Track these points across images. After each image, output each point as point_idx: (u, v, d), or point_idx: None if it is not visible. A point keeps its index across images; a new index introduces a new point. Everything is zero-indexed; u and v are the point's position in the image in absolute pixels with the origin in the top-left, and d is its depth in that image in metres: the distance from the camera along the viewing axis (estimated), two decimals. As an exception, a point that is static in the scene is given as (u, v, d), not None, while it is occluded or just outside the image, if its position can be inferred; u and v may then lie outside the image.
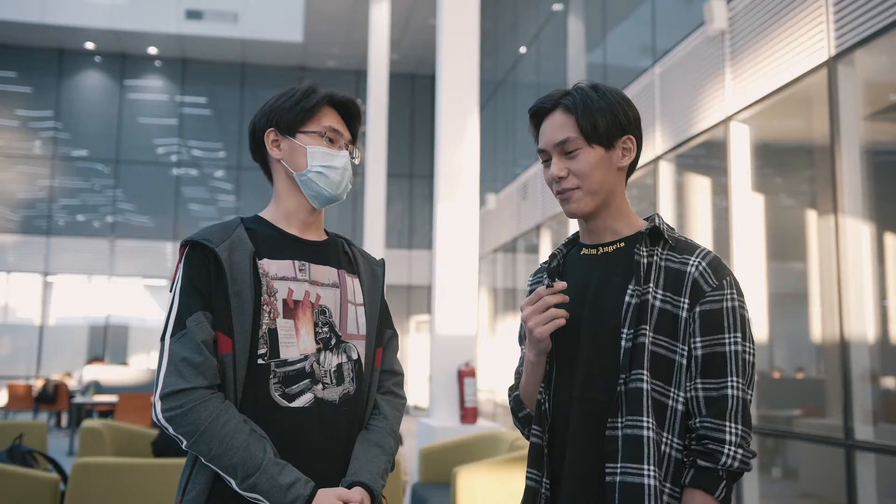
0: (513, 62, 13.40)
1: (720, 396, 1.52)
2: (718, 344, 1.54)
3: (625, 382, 1.54)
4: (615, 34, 9.36)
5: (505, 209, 13.16)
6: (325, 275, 1.81)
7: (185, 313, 1.64)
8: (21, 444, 4.52)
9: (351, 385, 1.79)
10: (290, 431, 1.66)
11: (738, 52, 6.25)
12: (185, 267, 1.70)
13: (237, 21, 16.82)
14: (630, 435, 1.51)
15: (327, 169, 1.80)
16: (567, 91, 1.70)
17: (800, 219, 6.48)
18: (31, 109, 17.90)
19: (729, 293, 1.56)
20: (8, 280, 17.50)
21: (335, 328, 1.79)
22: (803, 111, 5.88)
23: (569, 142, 1.64)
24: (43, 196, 17.58)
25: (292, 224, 1.83)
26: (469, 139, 7.37)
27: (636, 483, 1.49)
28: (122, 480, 3.98)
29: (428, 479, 5.42)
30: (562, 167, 1.65)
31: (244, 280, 1.68)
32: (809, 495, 6.12)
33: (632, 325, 1.55)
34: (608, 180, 1.65)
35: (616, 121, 1.64)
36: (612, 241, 1.68)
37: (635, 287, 1.57)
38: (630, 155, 1.67)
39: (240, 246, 1.71)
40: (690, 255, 1.59)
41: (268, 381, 1.68)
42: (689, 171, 7.56)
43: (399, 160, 18.28)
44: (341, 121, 1.87)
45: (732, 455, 1.49)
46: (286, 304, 1.72)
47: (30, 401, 13.29)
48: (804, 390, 6.27)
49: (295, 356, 1.71)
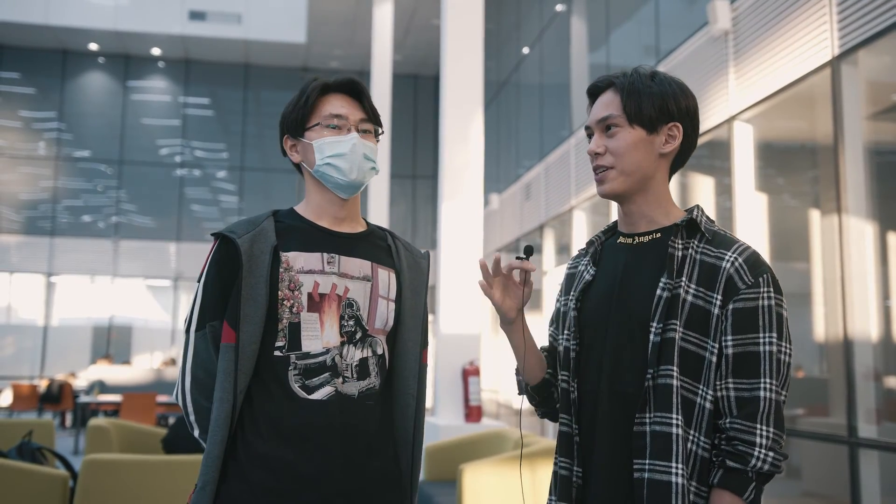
0: (516, 63, 13.43)
1: (752, 398, 1.49)
2: (752, 343, 1.51)
3: (652, 377, 1.52)
4: (618, 34, 9.39)
5: (508, 209, 13.19)
6: (357, 267, 1.79)
7: (208, 317, 1.73)
8: (31, 442, 4.55)
9: (376, 379, 1.77)
10: (307, 423, 1.67)
11: (741, 52, 6.27)
12: (212, 261, 1.75)
13: (240, 22, 16.86)
14: (658, 432, 1.50)
15: (334, 158, 1.78)
16: (624, 72, 1.69)
17: (803, 218, 6.50)
18: (34, 110, 17.95)
19: (766, 291, 1.52)
20: (12, 280, 17.54)
21: (362, 322, 1.77)
22: (807, 111, 5.90)
23: (610, 118, 1.64)
24: (46, 197, 17.62)
25: (323, 218, 1.82)
26: (473, 139, 7.40)
27: (664, 481, 1.47)
28: (132, 477, 4.01)
29: (433, 477, 5.45)
30: (600, 143, 1.65)
31: (261, 273, 1.69)
32: (813, 494, 6.13)
33: (661, 319, 1.53)
34: (645, 164, 1.63)
35: (664, 106, 1.62)
36: (648, 230, 1.65)
37: (667, 281, 1.54)
38: (674, 142, 1.64)
39: (262, 238, 1.73)
40: (727, 250, 1.56)
41: (286, 373, 1.69)
42: (693, 171, 7.59)
43: (402, 161, 18.30)
44: (348, 103, 1.83)
45: (763, 458, 1.47)
46: (311, 298, 1.72)
47: (34, 401, 13.34)
48: (808, 389, 6.29)
49: (317, 349, 1.71)
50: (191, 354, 1.73)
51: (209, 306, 1.73)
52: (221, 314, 1.71)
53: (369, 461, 1.73)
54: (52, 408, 13.24)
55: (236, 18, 16.84)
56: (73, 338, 17.16)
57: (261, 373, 1.70)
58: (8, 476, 4.02)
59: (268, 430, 1.67)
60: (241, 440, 1.68)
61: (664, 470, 1.48)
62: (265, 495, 1.64)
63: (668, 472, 1.48)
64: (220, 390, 1.66)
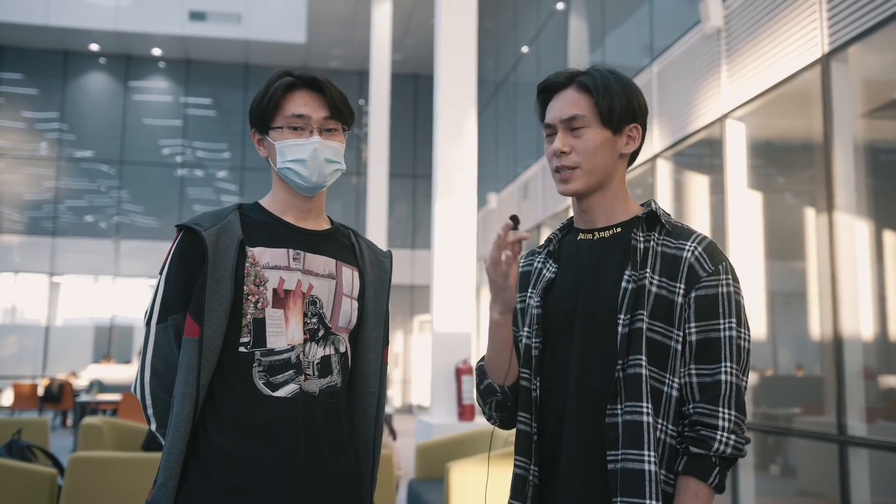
0: (514, 62, 13.43)
1: (714, 382, 1.51)
2: (713, 329, 1.53)
3: (623, 368, 1.53)
4: (614, 33, 9.39)
5: (506, 208, 13.19)
6: (321, 265, 1.78)
7: (170, 309, 1.71)
8: (20, 440, 4.57)
9: (337, 377, 1.76)
10: (271, 420, 1.66)
11: (733, 49, 6.27)
12: (175, 253, 1.74)
13: (240, 22, 16.89)
14: (630, 421, 1.50)
15: (294, 163, 1.76)
16: (583, 70, 1.70)
17: (795, 216, 6.49)
18: (36, 111, 18.00)
19: (725, 279, 1.55)
20: (15, 281, 17.60)
21: (325, 320, 1.77)
22: (798, 108, 5.90)
23: (578, 119, 1.64)
24: (49, 197, 17.68)
25: (288, 212, 1.81)
26: (467, 139, 7.41)
27: (637, 469, 1.48)
28: (118, 474, 4.02)
29: (424, 475, 5.46)
30: (566, 142, 1.64)
31: (226, 267, 1.68)
32: (807, 493, 6.13)
33: (628, 310, 1.54)
34: (608, 164, 1.64)
35: (630, 106, 1.64)
36: (608, 225, 1.66)
37: (632, 272, 1.56)
38: (634, 143, 1.67)
39: (228, 232, 1.72)
40: (686, 241, 1.59)
41: (251, 370, 1.68)
42: (686, 169, 7.58)
43: (402, 160, 18.32)
44: (312, 100, 1.79)
45: (725, 441, 1.48)
46: (276, 294, 1.71)
47: (35, 400, 13.41)
48: (804, 388, 6.29)
49: (282, 346, 1.70)
50: (151, 347, 1.71)
51: (172, 299, 1.71)
52: (184, 307, 1.69)
53: (332, 459, 1.72)
54: (53, 407, 13.30)
55: (236, 19, 16.87)
56: (74, 337, 17.21)
57: (223, 368, 1.68)
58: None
59: (231, 426, 1.65)
60: (202, 437, 1.66)
61: (636, 458, 1.49)
62: (227, 493, 1.63)
63: (641, 461, 1.49)
64: (183, 385, 1.64)
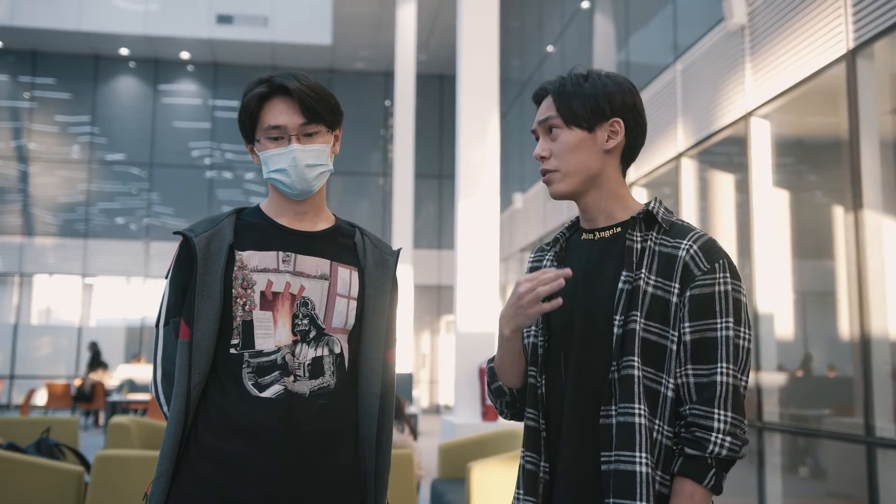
0: (539, 61, 13.40)
1: (710, 383, 1.50)
2: (710, 329, 1.52)
3: (617, 370, 1.53)
4: (639, 30, 9.33)
5: (532, 208, 13.16)
6: (314, 266, 1.80)
7: (172, 313, 1.79)
8: (48, 438, 4.66)
9: (331, 379, 1.77)
10: (256, 420, 1.69)
11: (757, 46, 6.21)
12: (175, 260, 1.80)
13: (267, 25, 17.01)
14: (622, 423, 1.51)
15: (277, 172, 1.78)
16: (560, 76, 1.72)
17: (822, 214, 6.42)
18: (69, 115, 18.27)
19: (722, 277, 1.54)
20: (49, 282, 17.89)
21: (317, 321, 1.78)
22: (824, 105, 5.83)
23: (549, 120, 1.67)
24: (81, 200, 17.94)
25: (283, 215, 1.84)
26: (490, 139, 7.41)
27: (628, 471, 1.49)
28: (143, 471, 4.08)
29: (446, 475, 5.47)
30: (545, 147, 1.68)
31: (216, 271, 1.72)
32: (837, 495, 6.06)
33: (623, 311, 1.55)
34: (590, 162, 1.65)
35: (596, 104, 1.64)
36: (608, 225, 1.67)
37: (627, 274, 1.56)
38: (616, 138, 1.65)
39: (219, 237, 1.76)
40: (683, 239, 1.58)
41: (241, 371, 1.72)
42: (711, 168, 7.52)
43: (428, 161, 18.35)
44: (287, 108, 1.78)
45: (720, 443, 1.47)
46: (264, 296, 1.74)
47: (68, 400, 13.63)
48: (832, 389, 6.21)
49: (270, 347, 1.73)
50: (160, 349, 1.79)
51: (173, 303, 1.78)
52: (181, 311, 1.75)
53: (323, 460, 1.73)
54: (86, 406, 13.52)
55: (263, 21, 17.00)
56: (107, 338, 17.42)
57: (217, 369, 1.73)
58: (24, 471, 4.12)
59: (218, 425, 1.70)
60: (193, 435, 1.71)
61: (629, 460, 1.50)
62: (213, 489, 1.67)
63: (633, 462, 1.49)
64: (176, 385, 1.70)
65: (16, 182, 17.76)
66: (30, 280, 17.74)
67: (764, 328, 6.11)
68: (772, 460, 6.05)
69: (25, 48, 17.83)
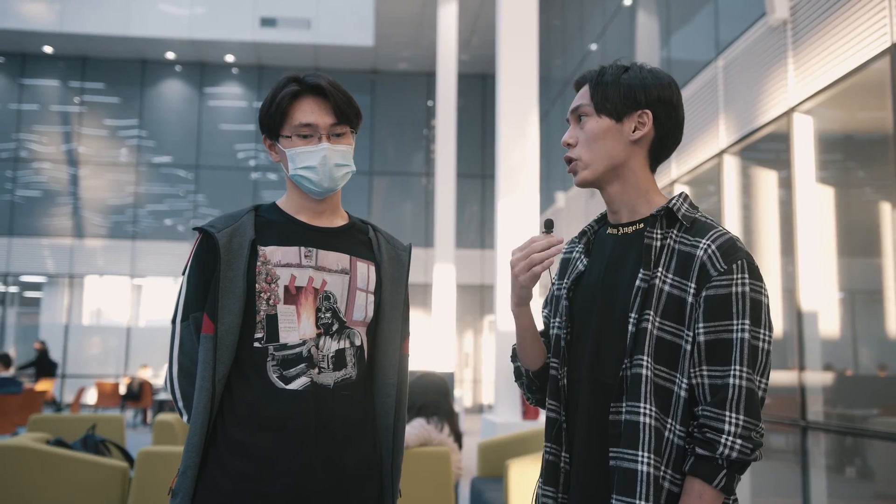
0: (581, 59, 13.33)
1: (723, 385, 1.49)
2: (725, 330, 1.50)
3: (628, 367, 1.54)
4: (681, 27, 9.23)
5: (574, 207, 13.10)
6: (334, 261, 1.84)
7: (191, 308, 1.80)
8: (94, 434, 4.77)
9: (353, 370, 1.82)
10: (284, 413, 1.72)
11: (800, 41, 6.10)
12: (194, 255, 1.84)
13: (310, 27, 17.18)
14: (629, 421, 1.52)
15: (305, 170, 1.82)
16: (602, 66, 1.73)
17: (868, 211, 6.28)
18: (118, 119, 18.65)
19: (739, 278, 1.51)
20: (99, 283, 18.29)
21: (339, 314, 1.82)
22: (868, 100, 5.71)
23: (580, 108, 1.69)
24: (129, 202, 18.30)
25: (302, 212, 1.88)
26: (529, 138, 7.39)
27: (631, 469, 1.49)
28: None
29: (485, 473, 5.48)
30: (573, 134, 1.70)
31: (239, 266, 1.76)
32: (886, 496, 5.93)
33: (638, 310, 1.54)
34: (615, 152, 1.65)
35: (630, 94, 1.64)
36: (631, 221, 1.67)
37: (644, 272, 1.56)
38: (643, 129, 1.64)
39: (241, 233, 1.80)
40: (702, 238, 1.55)
41: (265, 364, 1.75)
42: (754, 165, 7.41)
43: (471, 160, 18.37)
44: (318, 108, 1.83)
45: (730, 445, 1.46)
46: (288, 291, 1.78)
47: (117, 398, 13.93)
48: (883, 388, 6.09)
49: (294, 341, 1.76)
50: (177, 344, 1.81)
51: (192, 298, 1.81)
52: (202, 305, 1.78)
53: (346, 450, 1.77)
54: (134, 405, 13.80)
55: (306, 24, 17.17)
56: (155, 337, 17.76)
57: (241, 363, 1.76)
58: (71, 466, 4.23)
59: (246, 418, 1.73)
60: (220, 428, 1.74)
61: (631, 458, 1.50)
62: (242, 481, 1.70)
63: (635, 461, 1.50)
64: (200, 379, 1.73)
65: (66, 185, 18.19)
66: (80, 281, 18.15)
67: (808, 327, 6.01)
68: (817, 460, 5.94)
69: (75, 54, 18.26)
